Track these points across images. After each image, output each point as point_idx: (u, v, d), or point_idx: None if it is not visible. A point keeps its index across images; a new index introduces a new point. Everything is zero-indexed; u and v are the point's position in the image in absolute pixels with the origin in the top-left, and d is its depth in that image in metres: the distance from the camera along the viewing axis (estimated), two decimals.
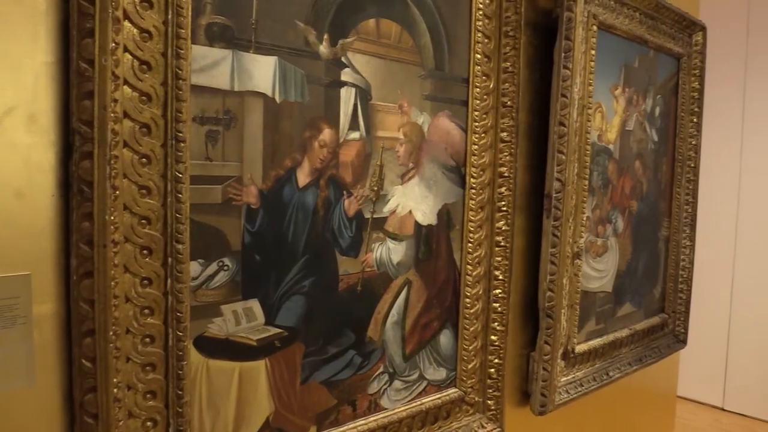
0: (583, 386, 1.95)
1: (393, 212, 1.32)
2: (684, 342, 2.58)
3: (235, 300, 1.07)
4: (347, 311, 1.26)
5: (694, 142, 2.47)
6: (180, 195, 0.96)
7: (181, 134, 0.95)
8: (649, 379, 2.57)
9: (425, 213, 1.40)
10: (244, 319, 1.09)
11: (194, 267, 1.01)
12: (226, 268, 1.05)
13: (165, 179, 0.95)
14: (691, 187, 2.48)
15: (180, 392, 0.99)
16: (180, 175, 0.95)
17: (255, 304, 1.10)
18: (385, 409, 1.36)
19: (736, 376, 3.56)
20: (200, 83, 0.99)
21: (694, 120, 2.47)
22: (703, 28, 2.44)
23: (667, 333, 2.50)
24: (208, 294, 1.03)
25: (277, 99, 1.09)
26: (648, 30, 2.13)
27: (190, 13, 0.95)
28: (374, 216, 1.28)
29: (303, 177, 1.15)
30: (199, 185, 1.00)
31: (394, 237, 1.33)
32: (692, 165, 2.48)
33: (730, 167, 3.53)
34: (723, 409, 3.60)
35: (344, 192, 1.22)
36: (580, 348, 1.93)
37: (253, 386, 1.11)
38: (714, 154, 3.46)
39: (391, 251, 1.33)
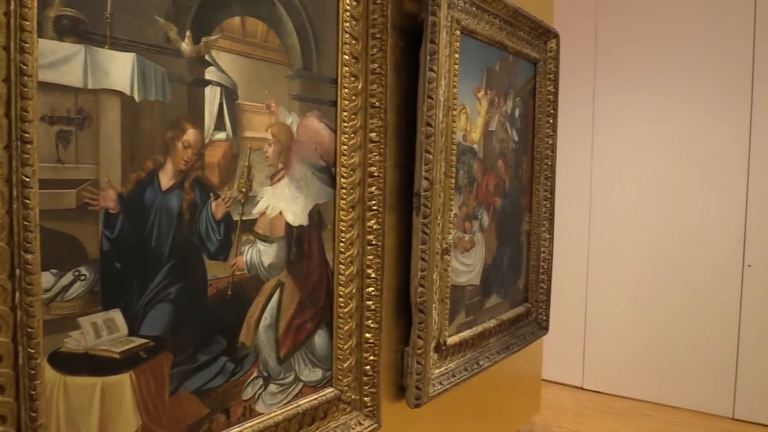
0: (455, 376, 2.02)
1: (263, 214, 1.30)
2: (546, 329, 2.75)
3: (95, 311, 1.01)
4: (218, 317, 1.22)
5: (550, 142, 2.64)
6: (27, 200, 0.88)
7: (27, 135, 0.88)
8: (516, 365, 2.71)
9: (296, 214, 1.39)
10: (105, 331, 1.02)
11: (46, 278, 0.93)
12: (82, 277, 0.98)
13: (10, 184, 0.87)
14: (548, 183, 2.65)
15: (34, 414, 0.91)
16: (27, 179, 0.88)
17: (117, 315, 1.04)
18: (261, 414, 1.33)
19: (593, 358, 3.85)
20: (49, 80, 0.92)
21: (550, 121, 2.64)
22: (557, 36, 2.62)
23: (531, 321, 2.66)
24: (63, 306, 0.96)
25: (136, 98, 1.04)
26: (507, 36, 2.25)
27: (35, 4, 0.88)
28: (243, 218, 1.26)
29: (166, 179, 1.10)
30: (49, 189, 0.93)
31: (265, 239, 1.31)
32: (549, 163, 2.64)
33: (582, 164, 3.80)
34: (582, 388, 3.87)
35: (211, 194, 1.19)
36: (452, 340, 2.01)
37: (117, 401, 1.05)
38: (568, 152, 3.72)
39: (262, 253, 1.30)
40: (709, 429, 3.32)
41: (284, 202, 1.36)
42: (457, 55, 1.90)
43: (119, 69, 1.01)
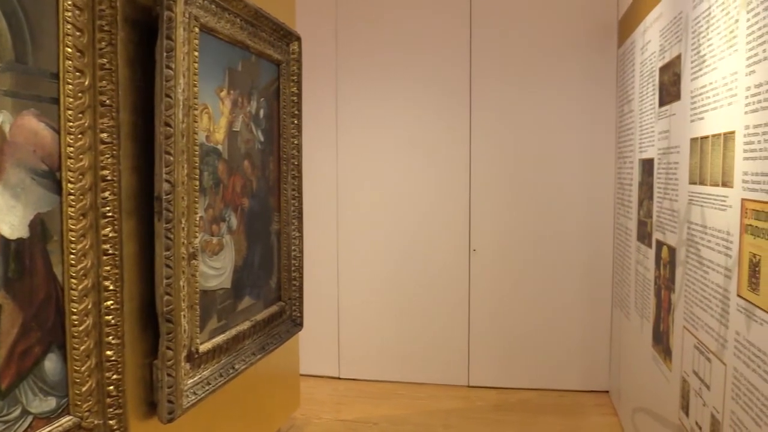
0: (210, 384, 1.96)
1: None
2: (301, 325, 2.80)
3: None
4: None
5: (296, 142, 2.69)
6: None
7: None
8: (273, 364, 2.73)
9: (13, 225, 1.22)
10: None
11: None
12: None
13: None
14: (296, 182, 2.70)
15: None
16: None
17: None
18: None
19: (348, 348, 4.04)
20: None
21: (295, 122, 2.69)
22: (299, 39, 2.67)
23: (286, 319, 2.69)
24: None
25: None
26: (249, 36, 2.24)
27: None
28: None
29: None
30: None
31: None
32: (296, 163, 2.70)
33: (328, 163, 3.95)
34: (340, 378, 4.04)
35: None
36: (204, 347, 1.95)
37: None
38: (315, 152, 3.84)
39: None
40: (450, 398, 3.71)
41: None
42: (196, 53, 1.84)
43: None
